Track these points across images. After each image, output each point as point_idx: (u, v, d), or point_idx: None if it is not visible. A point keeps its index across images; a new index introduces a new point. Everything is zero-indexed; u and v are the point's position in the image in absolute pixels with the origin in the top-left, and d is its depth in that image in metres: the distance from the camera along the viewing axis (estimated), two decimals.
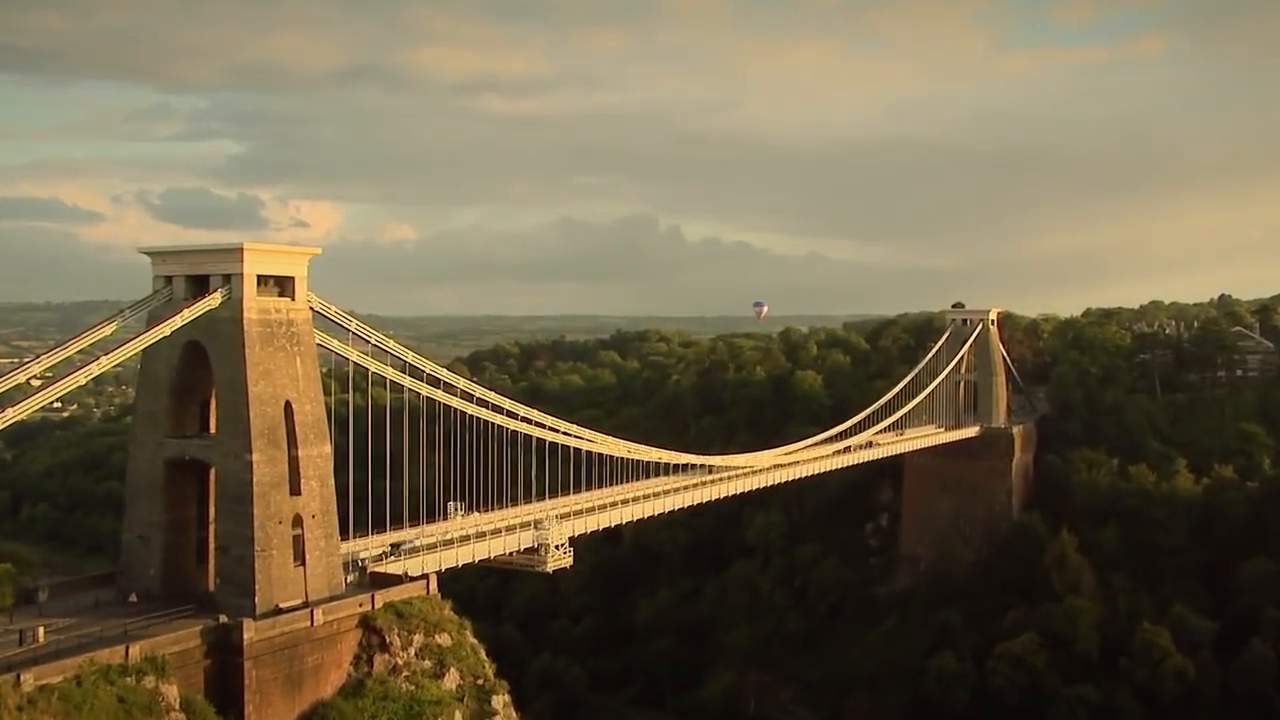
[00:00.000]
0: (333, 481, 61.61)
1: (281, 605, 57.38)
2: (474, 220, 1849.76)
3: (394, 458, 70.77)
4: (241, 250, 57.89)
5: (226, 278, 58.23)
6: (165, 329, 56.70)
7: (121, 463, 67.59)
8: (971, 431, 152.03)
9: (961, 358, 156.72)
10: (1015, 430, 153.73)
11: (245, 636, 53.82)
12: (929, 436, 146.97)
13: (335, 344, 65.18)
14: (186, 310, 57.16)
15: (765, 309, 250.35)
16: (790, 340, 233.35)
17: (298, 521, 59.13)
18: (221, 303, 58.03)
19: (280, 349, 59.16)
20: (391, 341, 68.72)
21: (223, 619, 55.01)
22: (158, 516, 59.78)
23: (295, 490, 59.11)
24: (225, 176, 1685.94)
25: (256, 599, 56.50)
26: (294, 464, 59.12)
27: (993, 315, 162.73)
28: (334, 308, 63.54)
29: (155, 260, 60.58)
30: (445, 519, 77.64)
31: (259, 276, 58.76)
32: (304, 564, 59.03)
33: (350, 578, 63.82)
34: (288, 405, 59.13)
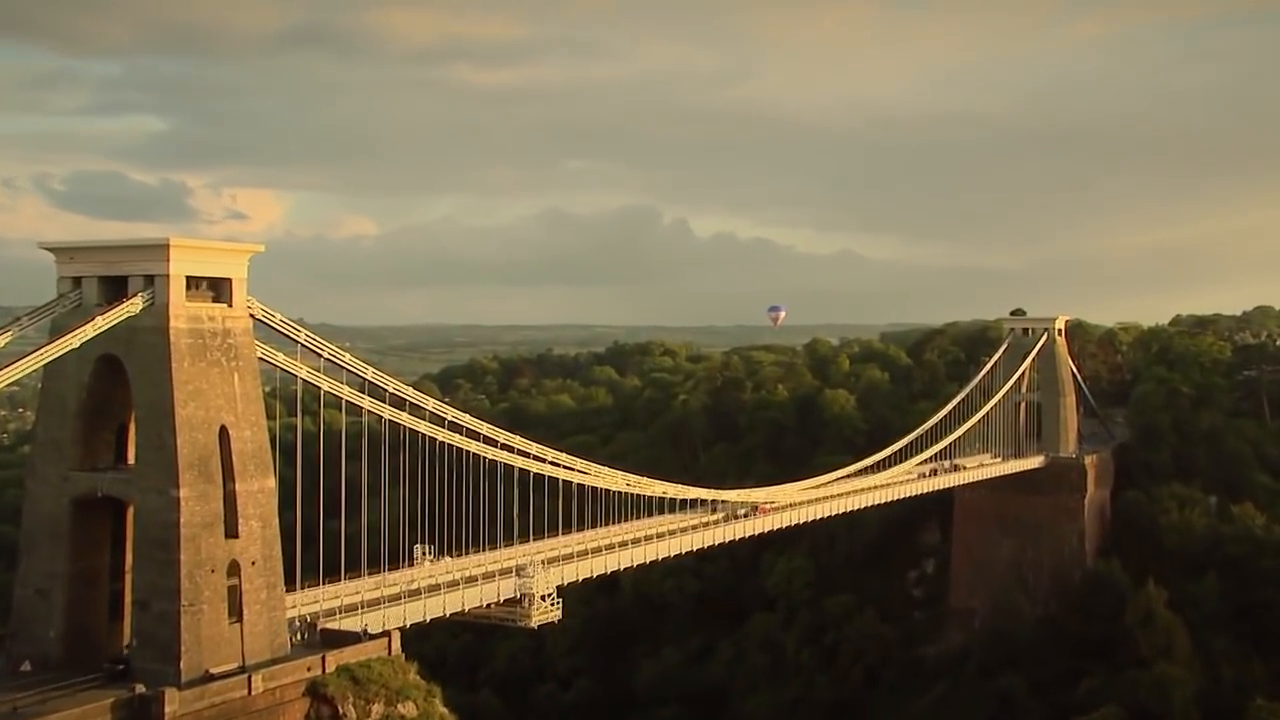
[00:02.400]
0: (277, 522, 60.90)
1: (213, 671, 56.36)
2: (444, 212, 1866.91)
3: (350, 493, 70.25)
4: (167, 247, 57.04)
5: (149, 279, 57.41)
6: (73, 340, 55.67)
7: (15, 501, 66.91)
8: (1035, 462, 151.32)
9: (1022, 375, 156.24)
10: (1088, 461, 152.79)
11: (167, 710, 52.59)
12: (984, 468, 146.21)
13: (281, 358, 64.62)
14: (100, 318, 56.19)
15: (783, 314, 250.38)
16: (818, 354, 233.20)
17: (234, 569, 58.21)
18: (143, 309, 57.16)
19: (214, 364, 58.42)
20: (348, 355, 68.46)
21: (139, 689, 53.79)
22: (60, 566, 58.66)
23: (232, 532, 58.23)
24: (144, 158, 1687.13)
25: (182, 664, 55.40)
26: (230, 501, 58.25)
27: (1060, 324, 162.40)
28: (279, 315, 63.00)
29: (60, 258, 59.77)
30: (411, 565, 77.19)
31: (189, 278, 57.96)
32: (241, 621, 58.18)
33: (297, 636, 63.05)
34: (223, 431, 58.37)
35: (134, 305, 57.05)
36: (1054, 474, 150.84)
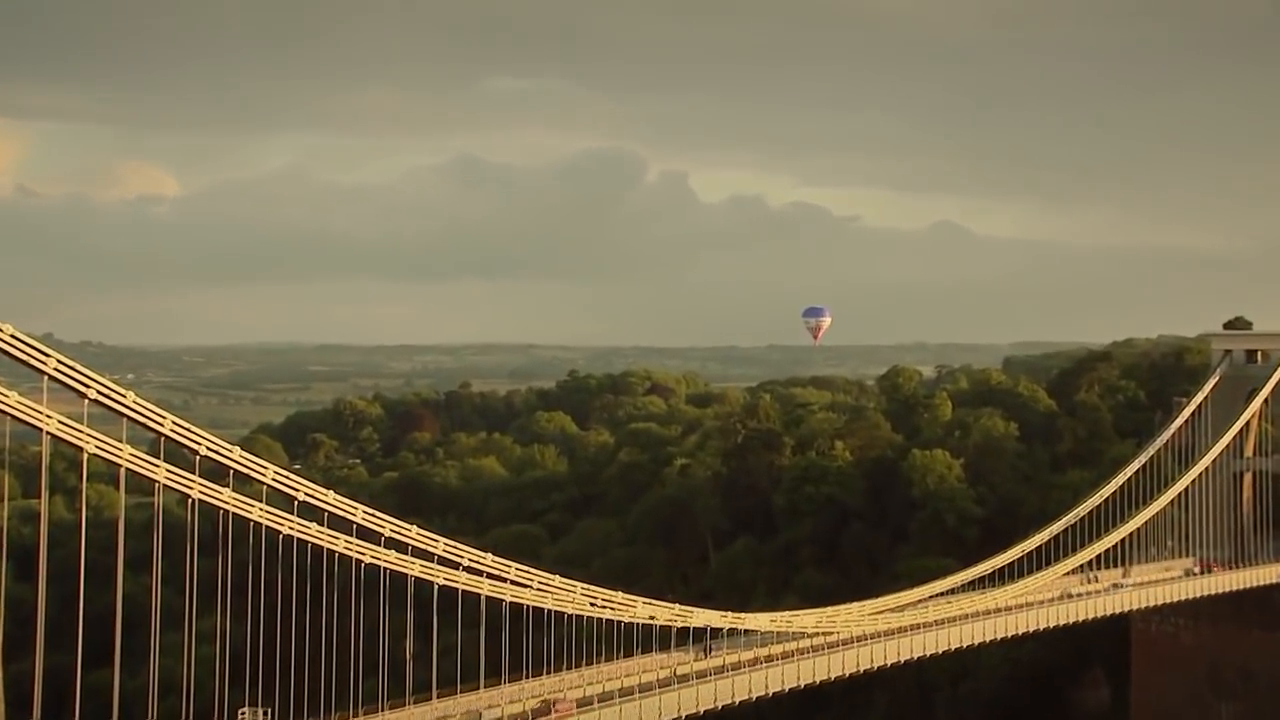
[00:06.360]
0: None
1: None
2: (289, 160, 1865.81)
3: (134, 621, 68.82)
4: None
5: None
6: None
7: None
8: (1271, 574, 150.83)
9: (1246, 427, 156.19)
10: None
11: None
12: (1180, 582, 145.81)
13: (15, 399, 62.99)
14: None
15: (826, 321, 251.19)
16: (901, 392, 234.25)
17: None
18: None
19: None
20: (131, 394, 67.20)
21: None
22: None
23: None
24: None
25: None
26: None
27: None
28: (9, 328, 62.13)
29: None
30: None
31: None
32: None
33: None
34: None
35: None
36: None
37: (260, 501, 73.21)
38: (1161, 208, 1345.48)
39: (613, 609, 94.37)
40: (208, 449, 70.10)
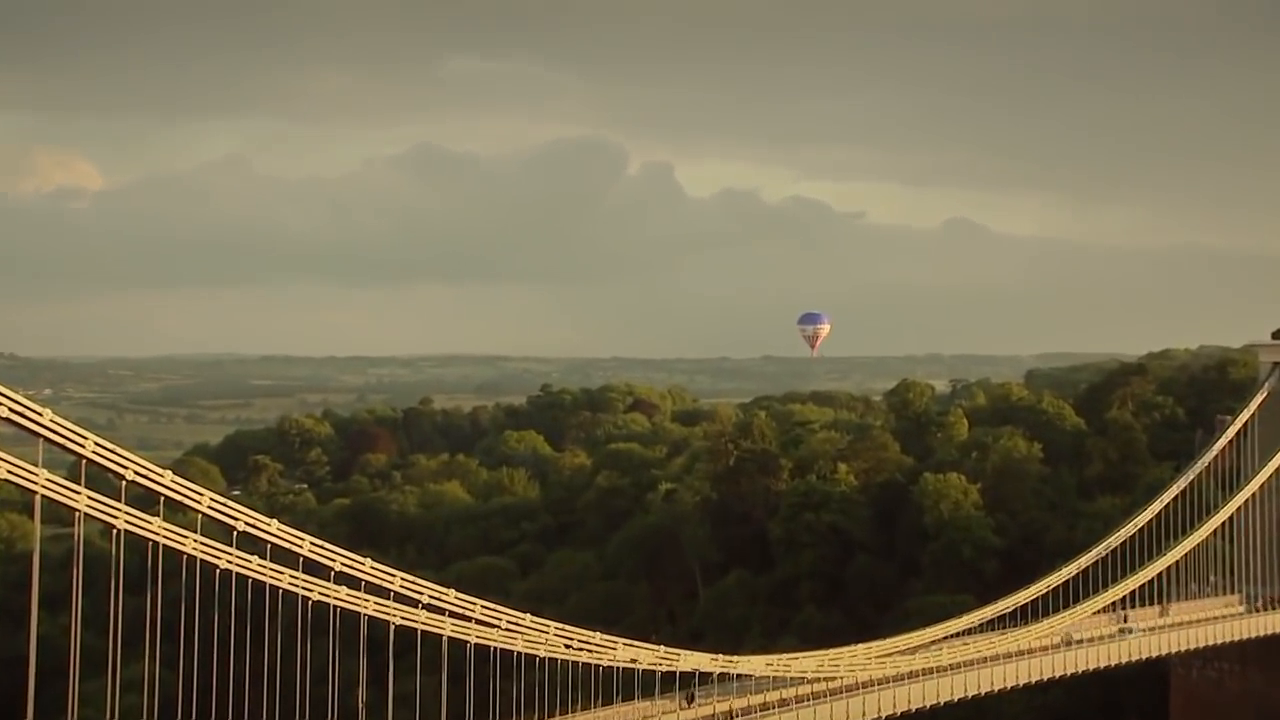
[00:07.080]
0: None
1: None
2: (227, 150, 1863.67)
3: (49, 667, 68.12)
4: None
5: None
6: None
7: None
8: None
9: None
10: None
11: None
12: (1226, 622, 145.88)
13: None
14: None
15: (825, 329, 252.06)
16: (912, 409, 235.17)
17: None
18: None
19: None
20: (49, 413, 66.43)
21: None
22: None
23: None
24: None
25: None
26: None
27: None
28: None
29: None
30: None
31: None
32: None
33: None
34: None
35: None
36: None
37: (195, 532, 72.52)
38: (1198, 204, 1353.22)
39: (590, 651, 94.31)
40: (135, 473, 69.35)
